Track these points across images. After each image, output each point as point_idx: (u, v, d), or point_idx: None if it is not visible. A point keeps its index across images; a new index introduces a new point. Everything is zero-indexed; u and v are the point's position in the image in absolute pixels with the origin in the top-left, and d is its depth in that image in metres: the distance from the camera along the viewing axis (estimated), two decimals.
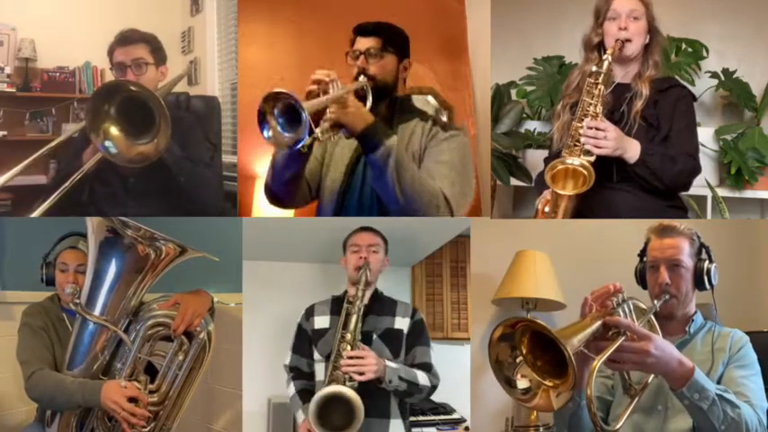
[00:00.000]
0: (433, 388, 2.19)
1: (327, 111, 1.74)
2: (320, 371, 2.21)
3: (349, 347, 2.03)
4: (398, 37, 2.06)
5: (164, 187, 2.27)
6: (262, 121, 1.64)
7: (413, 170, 1.83)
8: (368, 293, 2.23)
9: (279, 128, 1.65)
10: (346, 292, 2.29)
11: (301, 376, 2.26)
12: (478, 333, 2.68)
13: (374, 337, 2.17)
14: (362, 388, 2.01)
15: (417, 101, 2.27)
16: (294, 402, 2.23)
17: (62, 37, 3.83)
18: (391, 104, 2.05)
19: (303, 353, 2.27)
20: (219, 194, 2.51)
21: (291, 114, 1.62)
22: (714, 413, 1.47)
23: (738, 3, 3.05)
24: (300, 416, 2.17)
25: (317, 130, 1.71)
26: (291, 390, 2.25)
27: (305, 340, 2.28)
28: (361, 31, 2.03)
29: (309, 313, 2.31)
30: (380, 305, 2.26)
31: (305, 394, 2.20)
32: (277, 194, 2.04)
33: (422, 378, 2.16)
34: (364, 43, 2.00)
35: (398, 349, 2.21)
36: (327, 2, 2.79)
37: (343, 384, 1.99)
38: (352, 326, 2.07)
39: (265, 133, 1.65)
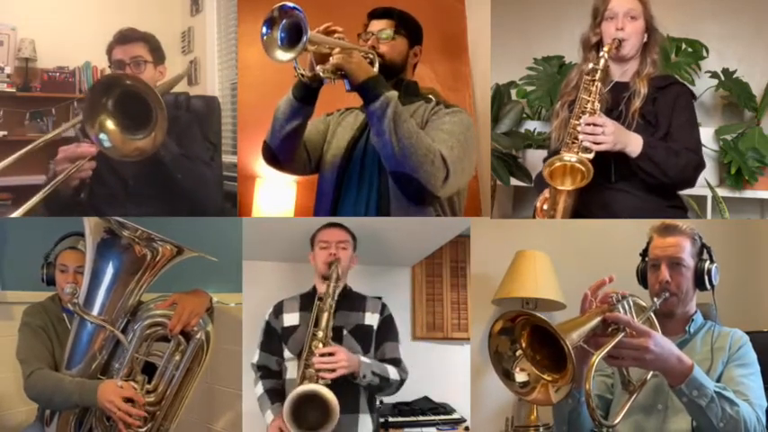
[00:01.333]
0: (402, 382, 2.20)
1: (332, 56, 1.77)
2: (291, 368, 2.20)
3: (321, 345, 2.01)
4: (411, 23, 2.10)
5: (163, 187, 2.27)
6: (267, 23, 1.68)
7: (411, 124, 1.83)
8: (338, 290, 2.21)
9: (278, 39, 1.68)
10: (314, 288, 2.28)
11: (270, 375, 2.24)
12: (478, 333, 2.68)
13: (344, 332, 2.16)
14: (332, 384, 2.00)
15: None
16: (263, 402, 2.21)
17: (62, 37, 3.84)
18: (398, 86, 2.04)
19: (272, 351, 2.25)
20: (219, 194, 2.52)
21: (295, 34, 1.64)
22: (712, 410, 1.47)
23: (738, 3, 3.04)
24: (269, 416, 2.16)
25: (318, 68, 1.76)
26: (260, 389, 2.23)
27: (274, 338, 2.26)
28: (375, 14, 2.08)
29: (278, 311, 2.28)
30: (350, 301, 2.23)
31: (273, 394, 2.20)
32: (274, 152, 2.03)
33: (392, 373, 2.16)
34: (377, 25, 2.05)
35: (369, 345, 2.21)
36: (327, 2, 2.79)
37: (316, 382, 1.97)
38: (323, 323, 2.04)
39: (264, 29, 1.68)
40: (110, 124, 1.92)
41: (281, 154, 2.04)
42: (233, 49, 3.38)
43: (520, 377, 1.44)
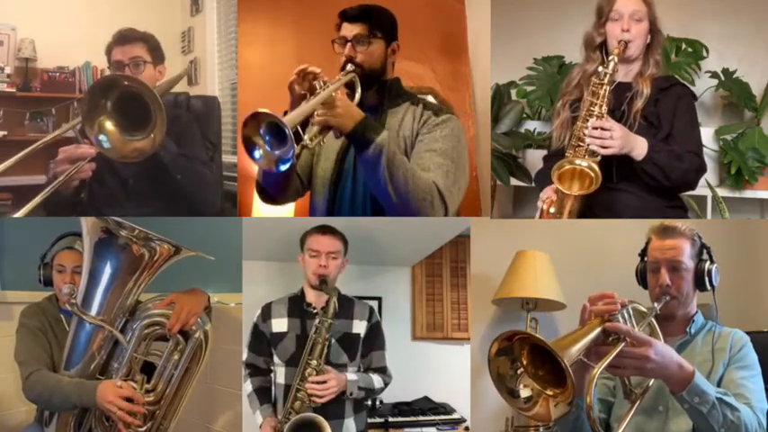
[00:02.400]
0: (386, 385, 2.27)
1: (315, 113, 1.71)
2: (280, 373, 2.21)
3: (315, 373, 2.06)
4: (386, 21, 2.01)
5: (162, 187, 2.27)
6: (249, 146, 1.61)
7: (405, 166, 1.80)
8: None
9: (267, 147, 1.62)
10: (302, 291, 2.27)
11: (258, 373, 2.27)
12: (478, 333, 2.68)
13: (332, 341, 2.16)
14: None
15: None
16: (252, 401, 2.24)
17: (62, 37, 3.84)
18: (380, 89, 2.02)
19: (260, 352, 2.27)
20: (218, 193, 2.51)
21: (277, 130, 1.58)
22: (714, 417, 1.47)
23: (738, 3, 3.04)
24: (259, 417, 2.19)
25: (306, 137, 1.69)
26: (248, 387, 2.26)
27: (262, 341, 2.27)
28: (347, 16, 1.97)
29: (266, 315, 2.28)
30: (339, 307, 2.19)
31: (261, 393, 2.23)
32: (269, 192, 2.03)
33: (377, 382, 2.22)
34: (350, 29, 1.95)
35: (355, 354, 2.23)
36: (327, 1, 2.79)
37: (308, 405, 2.05)
38: (317, 353, 2.07)
39: (256, 154, 1.62)
40: (109, 125, 1.91)
41: (277, 194, 2.04)
42: (233, 49, 3.37)
43: (524, 393, 1.44)
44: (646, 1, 2.12)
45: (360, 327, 2.25)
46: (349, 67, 1.92)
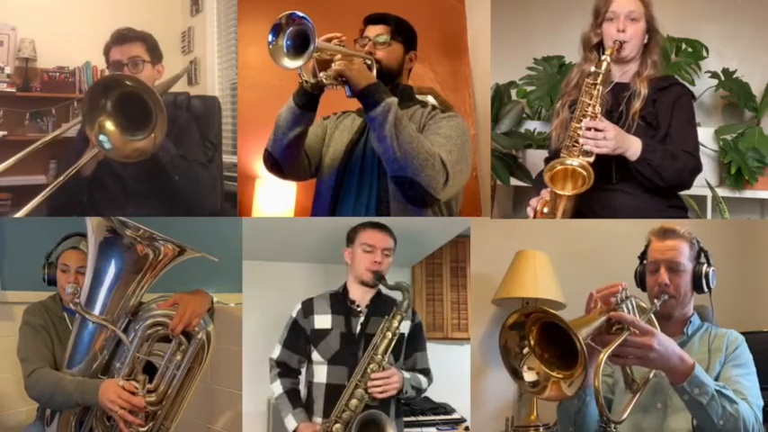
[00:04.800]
0: (426, 389, 2.26)
1: (334, 62, 1.80)
2: (320, 372, 2.14)
3: (378, 368, 2.04)
4: (407, 29, 2.13)
5: (160, 188, 2.27)
6: (274, 30, 1.72)
7: (411, 128, 1.86)
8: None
9: (284, 47, 1.72)
10: (345, 288, 2.21)
11: (289, 374, 2.20)
12: (478, 333, 2.69)
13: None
14: None
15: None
16: (282, 403, 2.16)
17: (62, 37, 3.83)
18: (393, 91, 2.04)
19: (296, 350, 2.20)
20: (217, 193, 2.52)
21: (301, 42, 1.70)
22: (713, 408, 1.49)
23: (738, 3, 3.04)
24: (291, 421, 2.12)
25: (321, 74, 1.81)
26: (278, 388, 2.18)
27: (301, 337, 2.19)
28: (372, 20, 2.10)
29: (308, 310, 2.20)
30: (383, 306, 2.18)
31: (294, 396, 2.17)
32: (276, 160, 2.04)
33: (424, 383, 2.23)
34: (373, 31, 2.08)
35: (399, 352, 2.19)
36: (327, 2, 2.79)
37: (365, 402, 2.01)
38: (382, 348, 2.04)
39: (270, 37, 1.72)
40: (109, 125, 1.92)
41: (284, 162, 2.05)
42: (233, 49, 3.38)
43: (528, 377, 1.46)
44: (643, 1, 2.12)
45: (404, 326, 2.18)
46: (368, 60, 2.00)
